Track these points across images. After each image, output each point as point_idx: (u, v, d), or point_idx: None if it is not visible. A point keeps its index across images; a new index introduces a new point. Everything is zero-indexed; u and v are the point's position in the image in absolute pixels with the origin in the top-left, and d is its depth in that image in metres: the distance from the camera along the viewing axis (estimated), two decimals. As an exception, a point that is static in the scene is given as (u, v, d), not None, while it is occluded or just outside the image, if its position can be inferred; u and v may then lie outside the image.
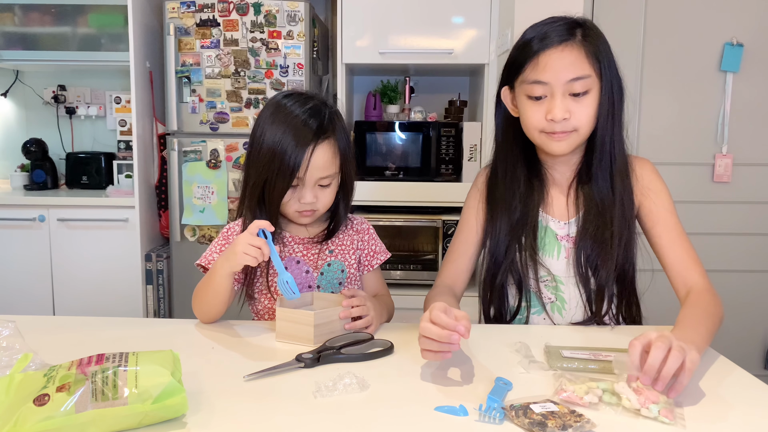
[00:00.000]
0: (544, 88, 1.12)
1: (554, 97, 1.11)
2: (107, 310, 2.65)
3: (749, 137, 2.60)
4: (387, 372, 0.93)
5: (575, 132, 1.14)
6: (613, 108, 1.15)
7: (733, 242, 2.65)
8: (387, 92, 2.85)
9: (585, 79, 1.11)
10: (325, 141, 1.17)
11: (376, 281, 1.37)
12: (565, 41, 1.11)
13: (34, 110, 3.19)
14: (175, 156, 2.59)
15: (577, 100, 1.12)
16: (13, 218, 2.65)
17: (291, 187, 1.17)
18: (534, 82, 1.12)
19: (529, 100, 1.14)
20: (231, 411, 0.79)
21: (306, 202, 1.18)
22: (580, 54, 1.11)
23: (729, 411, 0.81)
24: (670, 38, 2.56)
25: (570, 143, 1.15)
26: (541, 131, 1.15)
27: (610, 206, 1.18)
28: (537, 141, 1.18)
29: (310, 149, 1.14)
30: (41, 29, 2.80)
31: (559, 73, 1.10)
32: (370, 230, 1.36)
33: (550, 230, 1.23)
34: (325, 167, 1.17)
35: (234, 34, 2.54)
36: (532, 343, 1.03)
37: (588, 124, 1.14)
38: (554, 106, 1.11)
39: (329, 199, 1.23)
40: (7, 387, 0.73)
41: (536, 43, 1.12)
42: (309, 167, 1.14)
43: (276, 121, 1.16)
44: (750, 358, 2.69)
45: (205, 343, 1.07)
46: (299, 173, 1.14)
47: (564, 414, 0.76)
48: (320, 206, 1.22)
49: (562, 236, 1.23)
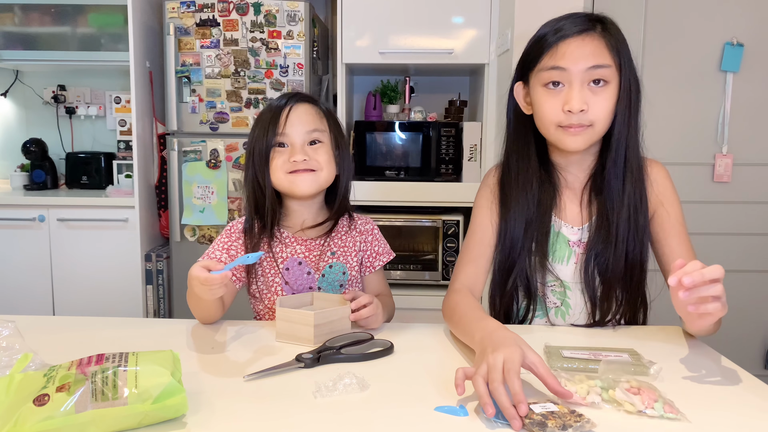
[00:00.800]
0: (561, 75, 1.09)
1: (572, 86, 1.08)
2: (107, 310, 2.65)
3: (749, 137, 2.60)
4: (387, 372, 0.93)
5: (591, 127, 1.10)
6: (630, 107, 1.12)
7: (734, 242, 2.65)
8: (387, 92, 2.85)
9: (605, 69, 1.08)
10: (306, 102, 1.23)
11: (378, 282, 1.36)
12: (585, 31, 1.09)
13: (33, 110, 3.19)
14: (174, 156, 2.59)
15: (596, 92, 1.09)
16: (13, 218, 2.65)
17: (278, 145, 1.20)
18: (552, 68, 1.09)
19: (545, 89, 1.11)
20: (231, 411, 0.79)
21: (297, 160, 1.18)
22: (600, 44, 1.09)
23: (729, 411, 0.81)
24: (670, 38, 2.56)
25: (586, 139, 1.11)
26: (557, 125, 1.11)
27: (618, 211, 1.15)
28: (552, 136, 1.14)
29: (288, 107, 1.20)
30: (41, 29, 2.80)
31: (578, 60, 1.07)
32: (374, 231, 1.34)
33: (563, 236, 1.20)
34: (309, 121, 1.20)
35: (234, 33, 2.54)
36: (532, 343, 1.02)
37: (605, 120, 1.11)
38: (572, 97, 1.07)
39: (326, 159, 1.21)
40: (7, 387, 0.73)
41: (553, 34, 1.10)
42: (288, 120, 1.18)
43: (262, 110, 1.25)
44: (750, 358, 2.69)
45: (205, 343, 1.07)
46: (279, 128, 1.18)
47: (564, 414, 0.76)
48: (316, 166, 1.20)
49: (573, 242, 1.19)
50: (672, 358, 1.00)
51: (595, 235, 1.16)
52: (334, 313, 1.07)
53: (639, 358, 0.96)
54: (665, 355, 1.01)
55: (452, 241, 2.46)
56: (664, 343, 1.09)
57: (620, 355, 0.97)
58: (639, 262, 1.17)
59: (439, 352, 1.03)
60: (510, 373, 0.77)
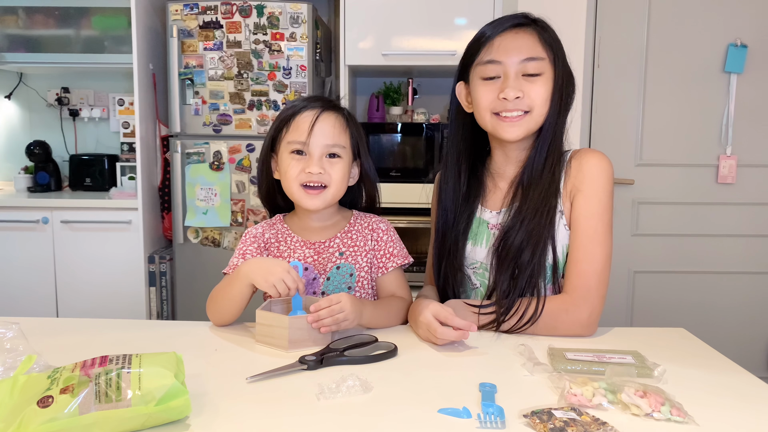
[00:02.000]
0: (497, 68, 1.13)
1: (507, 77, 1.13)
2: (110, 311, 2.65)
3: (753, 138, 2.59)
4: (390, 374, 0.93)
5: (528, 115, 1.13)
6: (561, 101, 1.15)
7: (738, 244, 2.64)
8: (390, 94, 2.85)
9: (539, 61, 1.13)
10: (333, 111, 1.20)
11: (392, 285, 1.26)
12: (519, 26, 1.15)
13: (37, 112, 3.20)
14: (178, 158, 2.60)
15: (531, 81, 1.13)
16: (17, 220, 2.66)
17: (296, 153, 1.18)
18: (488, 62, 1.14)
19: (483, 81, 1.15)
20: (234, 413, 0.79)
21: (312, 172, 1.16)
22: (533, 38, 1.14)
23: (735, 414, 0.81)
24: (673, 39, 2.56)
25: (523, 127, 1.14)
26: (493, 113, 1.15)
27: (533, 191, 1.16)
28: (489, 126, 1.17)
29: (315, 115, 1.17)
30: (45, 31, 2.81)
31: (512, 53, 1.12)
32: (389, 231, 1.28)
33: (483, 220, 1.24)
34: (332, 135, 1.17)
35: (237, 36, 2.54)
36: (535, 345, 1.02)
37: (541, 106, 1.14)
38: (507, 85, 1.12)
39: (340, 176, 1.18)
40: (11, 389, 0.73)
41: (489, 29, 1.16)
42: (312, 131, 1.16)
43: (285, 107, 1.24)
44: (754, 360, 2.68)
45: (208, 344, 1.07)
46: (302, 136, 1.16)
47: (587, 422, 0.75)
48: (329, 181, 1.17)
49: (492, 225, 1.22)
50: (675, 360, 1.00)
51: (507, 214, 1.19)
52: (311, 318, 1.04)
53: (643, 360, 0.96)
54: (668, 357, 1.00)
55: (455, 242, 2.46)
56: (667, 345, 1.08)
57: (624, 357, 0.96)
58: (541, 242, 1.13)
59: (443, 354, 1.03)
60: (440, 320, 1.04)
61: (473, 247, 1.23)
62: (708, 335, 1.26)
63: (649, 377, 0.90)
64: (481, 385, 0.87)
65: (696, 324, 2.12)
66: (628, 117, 2.61)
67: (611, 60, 2.58)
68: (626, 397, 0.81)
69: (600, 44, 2.57)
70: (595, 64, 2.58)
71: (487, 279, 1.22)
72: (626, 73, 2.59)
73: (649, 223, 2.65)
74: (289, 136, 1.18)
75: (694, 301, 2.67)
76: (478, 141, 1.27)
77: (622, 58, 2.58)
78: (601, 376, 0.88)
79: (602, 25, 2.56)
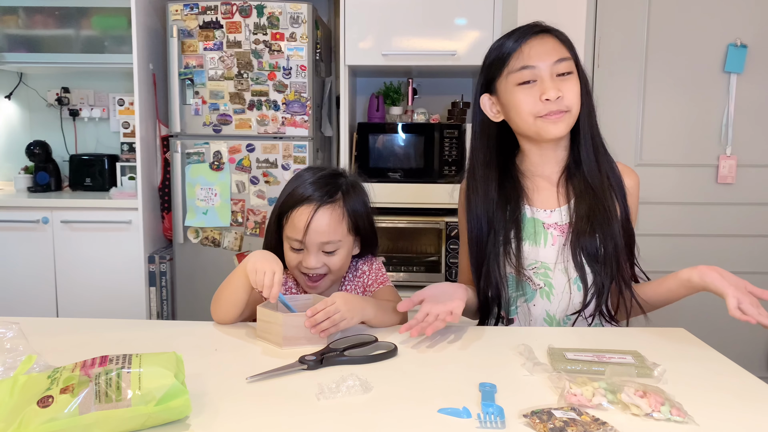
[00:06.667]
0: (532, 73, 1.17)
1: (543, 79, 1.16)
2: (110, 311, 2.65)
3: (753, 138, 2.59)
4: (390, 374, 0.93)
5: (569, 112, 1.18)
6: (589, 97, 1.22)
7: (738, 244, 2.64)
8: (390, 94, 2.85)
9: (567, 61, 1.18)
10: (329, 205, 1.20)
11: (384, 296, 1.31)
12: (541, 32, 1.20)
13: (37, 112, 3.20)
14: (178, 158, 2.60)
15: (564, 80, 1.17)
16: (17, 220, 2.65)
17: (295, 250, 1.21)
18: (522, 68, 1.17)
19: (519, 87, 1.18)
20: (234, 413, 0.79)
21: (309, 267, 1.20)
22: (556, 41, 1.19)
23: (735, 414, 0.81)
24: (673, 39, 2.56)
25: (566, 123, 1.18)
26: (537, 116, 1.17)
27: (601, 187, 1.22)
28: (533, 129, 1.20)
29: (310, 211, 1.18)
30: (45, 31, 2.81)
31: (543, 56, 1.16)
32: (372, 265, 1.34)
33: (537, 220, 1.25)
34: (327, 233, 1.19)
35: (237, 36, 2.54)
36: (534, 344, 1.02)
37: (577, 104, 1.19)
38: (547, 87, 1.15)
39: (338, 264, 1.23)
40: (11, 389, 0.73)
41: (514, 41, 1.19)
42: (309, 230, 1.17)
43: (289, 185, 1.25)
44: (754, 360, 2.68)
45: (208, 344, 1.07)
46: (298, 235, 1.18)
47: (587, 422, 0.75)
48: (327, 270, 1.22)
49: (549, 224, 1.24)
50: (675, 360, 1.00)
51: (576, 213, 1.22)
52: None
53: (643, 360, 0.96)
54: (668, 356, 1.01)
55: (455, 242, 2.46)
56: (667, 345, 1.08)
57: (624, 357, 0.97)
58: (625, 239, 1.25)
59: (443, 354, 1.03)
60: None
61: (531, 247, 1.24)
62: (708, 335, 1.26)
63: (648, 377, 0.90)
64: (481, 385, 0.87)
65: (696, 324, 2.11)
66: (628, 117, 2.61)
67: (611, 60, 2.58)
68: (626, 397, 0.81)
69: (600, 44, 2.57)
70: (595, 64, 2.58)
71: (550, 278, 1.23)
72: (626, 73, 2.59)
73: (648, 223, 2.65)
74: (288, 231, 1.21)
75: (694, 301, 2.67)
76: (505, 146, 1.30)
77: (622, 58, 2.58)
78: (600, 376, 0.88)
79: (602, 25, 2.56)
